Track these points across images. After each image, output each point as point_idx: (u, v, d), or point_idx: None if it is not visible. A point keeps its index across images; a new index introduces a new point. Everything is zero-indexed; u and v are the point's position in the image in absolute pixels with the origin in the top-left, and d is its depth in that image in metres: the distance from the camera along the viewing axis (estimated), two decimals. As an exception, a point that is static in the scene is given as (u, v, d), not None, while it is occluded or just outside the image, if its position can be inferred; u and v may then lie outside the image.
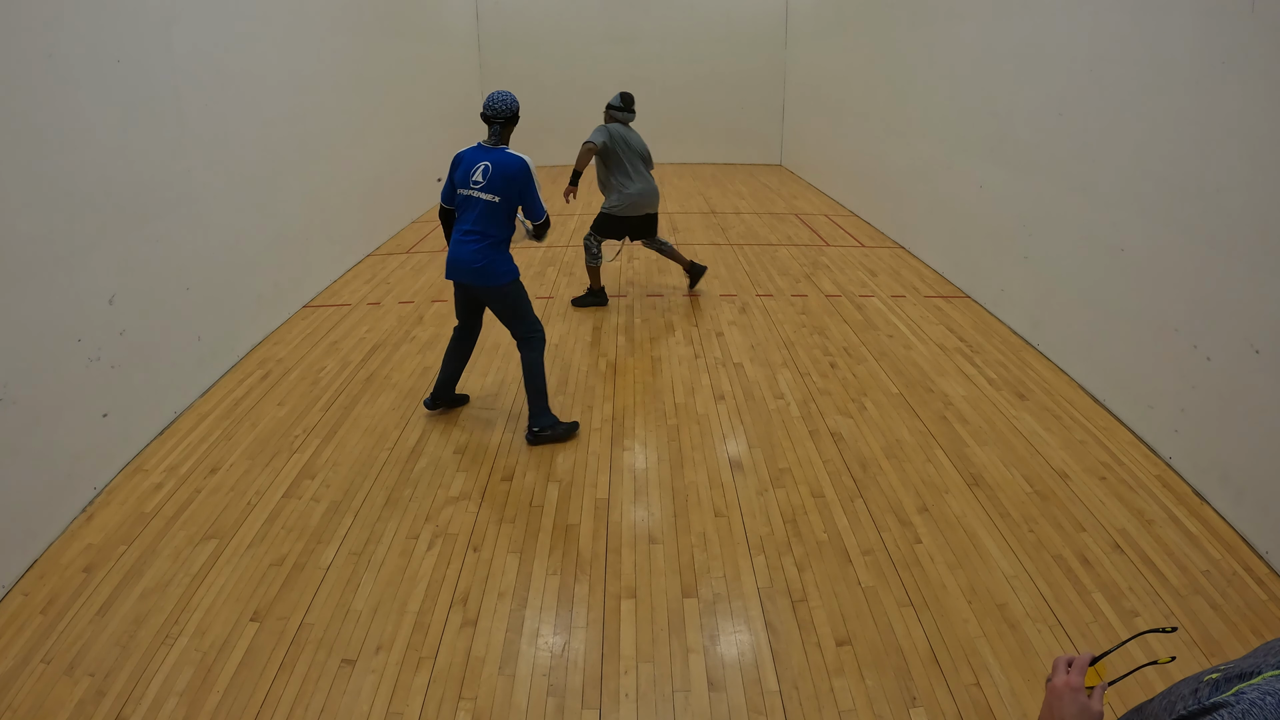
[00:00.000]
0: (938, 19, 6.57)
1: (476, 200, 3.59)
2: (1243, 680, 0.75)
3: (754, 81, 12.89)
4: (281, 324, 5.49)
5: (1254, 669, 0.77)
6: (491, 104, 3.64)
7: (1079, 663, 1.06)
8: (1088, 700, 1.02)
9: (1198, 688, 0.82)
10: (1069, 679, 1.04)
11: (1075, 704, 1.01)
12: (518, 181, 3.56)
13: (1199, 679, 0.84)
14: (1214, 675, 0.83)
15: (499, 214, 3.60)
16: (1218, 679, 0.81)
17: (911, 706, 2.33)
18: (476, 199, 3.59)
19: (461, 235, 3.64)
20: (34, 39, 3.11)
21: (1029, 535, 3.12)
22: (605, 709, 2.35)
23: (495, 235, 3.61)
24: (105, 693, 2.38)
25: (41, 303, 3.13)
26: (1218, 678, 0.81)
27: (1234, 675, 0.79)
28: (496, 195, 3.57)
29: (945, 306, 5.77)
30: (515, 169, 3.56)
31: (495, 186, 3.56)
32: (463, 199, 3.65)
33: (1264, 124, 3.04)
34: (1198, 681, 0.84)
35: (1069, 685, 1.03)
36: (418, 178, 8.88)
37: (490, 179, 3.56)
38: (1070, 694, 1.02)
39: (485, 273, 3.62)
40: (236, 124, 4.86)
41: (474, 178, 3.59)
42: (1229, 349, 3.24)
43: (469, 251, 3.60)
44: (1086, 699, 1.02)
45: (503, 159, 3.58)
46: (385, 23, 8.02)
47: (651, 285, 6.38)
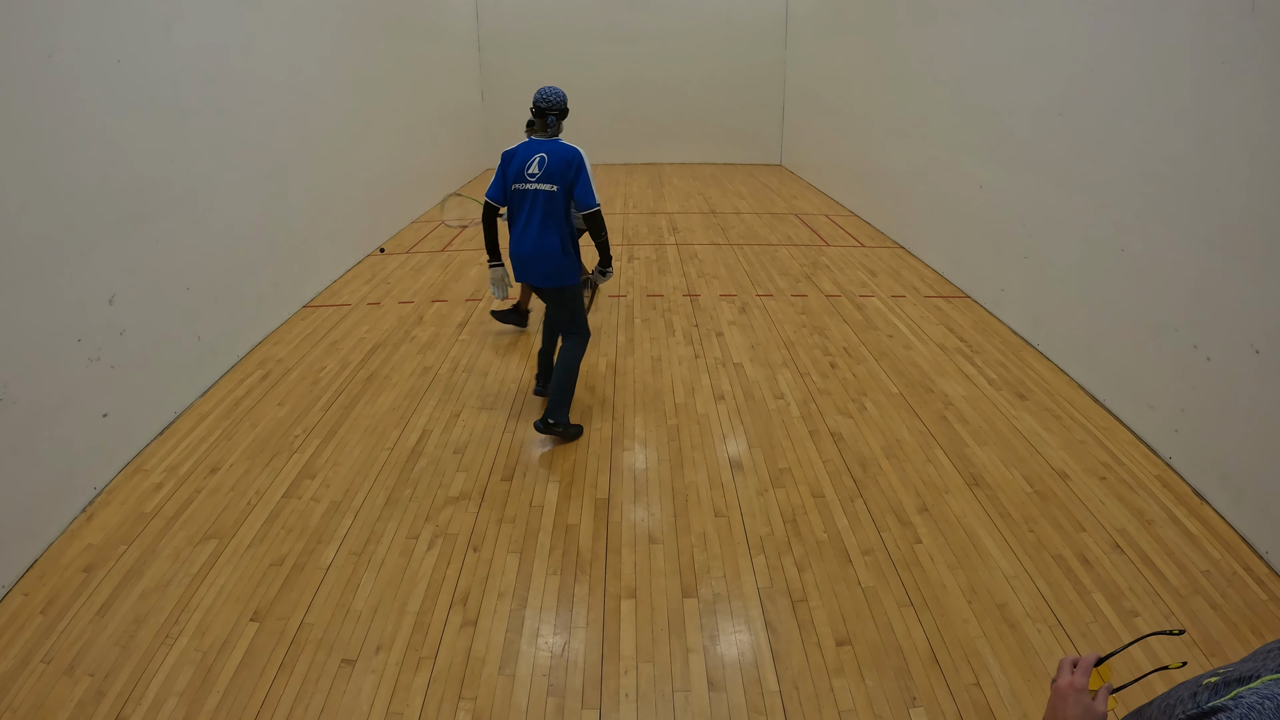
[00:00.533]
0: (938, 19, 6.57)
1: (534, 193, 3.57)
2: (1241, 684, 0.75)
3: (754, 81, 12.90)
4: (281, 324, 5.49)
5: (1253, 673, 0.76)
6: (546, 97, 3.68)
7: (1084, 664, 1.05)
8: (1091, 702, 1.01)
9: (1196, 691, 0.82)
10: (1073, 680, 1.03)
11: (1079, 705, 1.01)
12: (573, 167, 3.56)
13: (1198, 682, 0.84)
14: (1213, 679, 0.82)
15: (557, 204, 3.57)
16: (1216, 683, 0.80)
17: (911, 706, 2.33)
18: (534, 191, 3.57)
19: (521, 232, 3.63)
20: (34, 39, 3.11)
21: (1029, 535, 3.12)
22: (605, 709, 2.35)
23: (557, 229, 3.59)
24: (105, 693, 2.38)
25: (41, 303, 3.13)
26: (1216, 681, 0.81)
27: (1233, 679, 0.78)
28: (554, 184, 3.55)
29: (945, 306, 5.77)
30: (571, 155, 3.57)
31: (553, 175, 3.55)
32: (517, 194, 3.61)
33: (1264, 124, 3.04)
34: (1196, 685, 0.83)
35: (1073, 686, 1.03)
36: (418, 178, 8.88)
37: (547, 169, 3.56)
38: (1075, 695, 1.02)
39: (553, 275, 3.67)
40: (237, 124, 4.86)
41: (529, 170, 3.58)
42: (1229, 349, 3.24)
43: (532, 248, 3.62)
44: (1090, 700, 1.02)
45: (558, 148, 3.60)
46: (385, 23, 8.02)
47: (651, 285, 6.38)
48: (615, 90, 12.60)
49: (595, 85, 11.64)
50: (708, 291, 6.20)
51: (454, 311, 5.78)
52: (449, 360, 4.86)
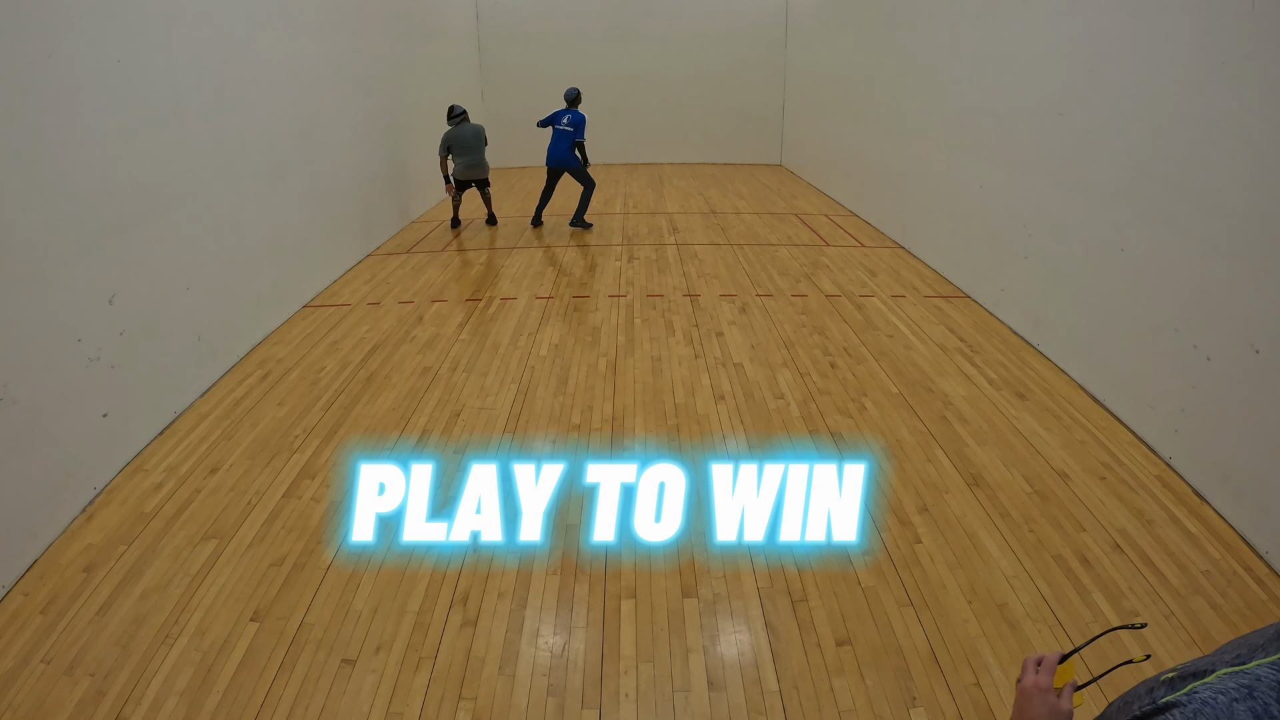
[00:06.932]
0: (938, 19, 6.57)
1: (563, 131, 8.06)
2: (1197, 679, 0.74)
3: (754, 81, 12.89)
4: (281, 324, 5.49)
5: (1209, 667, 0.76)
6: (573, 92, 8.23)
7: (1047, 662, 1.05)
8: (1057, 700, 1.01)
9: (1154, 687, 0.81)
10: (1038, 679, 1.03)
11: (1044, 704, 1.01)
12: (581, 123, 8.06)
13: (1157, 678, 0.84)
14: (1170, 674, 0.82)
15: (568, 138, 8.05)
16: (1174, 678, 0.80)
17: (911, 706, 2.33)
18: (563, 130, 8.06)
19: (554, 144, 8.13)
20: (34, 40, 3.11)
21: (1029, 535, 3.12)
22: (605, 709, 2.35)
23: (568, 145, 8.04)
24: (105, 693, 2.38)
25: (41, 303, 3.13)
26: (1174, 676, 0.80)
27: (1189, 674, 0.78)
28: (571, 128, 8.04)
29: (945, 306, 5.77)
30: (581, 117, 8.08)
31: (573, 124, 8.05)
32: (557, 131, 8.10)
33: (1263, 124, 3.04)
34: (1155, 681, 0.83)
35: (1038, 686, 1.02)
36: (418, 177, 8.89)
37: (570, 121, 8.05)
38: (1039, 695, 1.02)
39: (566, 162, 8.12)
40: (236, 124, 4.86)
41: (563, 121, 8.07)
42: (1229, 349, 3.24)
43: (561, 151, 8.08)
44: (1056, 699, 1.02)
45: (576, 115, 8.08)
46: (385, 22, 8.02)
47: (651, 285, 6.38)
48: (615, 90, 12.58)
49: (595, 85, 11.59)
50: (708, 291, 6.20)
51: (454, 311, 5.78)
52: (449, 360, 4.86)
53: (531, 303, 5.96)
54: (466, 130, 8.01)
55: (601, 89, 12.25)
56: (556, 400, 4.29)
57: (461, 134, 8.00)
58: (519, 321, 5.55)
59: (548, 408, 4.23)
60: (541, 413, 4.17)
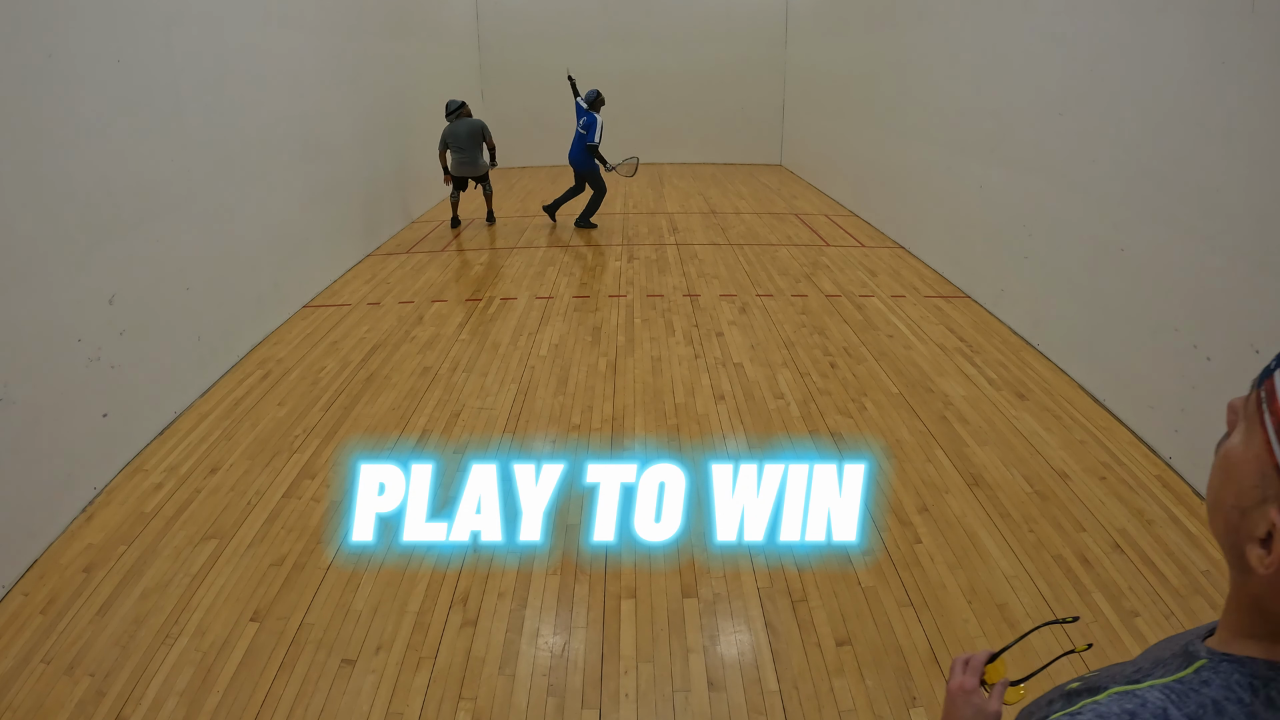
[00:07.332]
0: (938, 19, 6.57)
1: (578, 132, 8.13)
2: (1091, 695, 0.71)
3: (754, 81, 12.89)
4: (281, 324, 5.49)
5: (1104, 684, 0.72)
6: (592, 94, 8.26)
7: (974, 663, 1.02)
8: (983, 701, 0.98)
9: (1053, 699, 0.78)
10: (963, 681, 1.00)
11: (969, 706, 0.98)
12: (592, 126, 8.03)
13: (1062, 688, 0.80)
14: (1075, 684, 0.78)
15: (581, 140, 8.11)
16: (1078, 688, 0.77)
17: (911, 706, 2.33)
18: (578, 132, 8.13)
19: (572, 144, 8.28)
20: (34, 39, 3.11)
21: (1029, 535, 3.12)
22: (605, 709, 2.35)
23: (581, 146, 8.13)
24: (105, 693, 2.38)
25: (41, 303, 3.13)
26: (1078, 686, 0.77)
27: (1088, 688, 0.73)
28: (584, 130, 8.05)
29: (945, 306, 5.77)
30: (593, 118, 8.05)
31: (586, 126, 8.06)
32: (575, 132, 8.21)
33: (1263, 124, 3.04)
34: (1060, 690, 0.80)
35: (963, 688, 1.00)
36: (418, 177, 8.88)
37: (584, 124, 8.06)
38: (963, 696, 0.99)
39: (578, 163, 8.23)
40: (236, 123, 4.86)
41: (580, 123, 8.14)
42: (1229, 349, 3.24)
43: (574, 152, 8.22)
44: (982, 700, 0.99)
45: (590, 117, 8.07)
46: (385, 22, 8.02)
47: (651, 285, 6.38)
48: (615, 90, 12.54)
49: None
50: (708, 291, 6.20)
51: (454, 311, 5.78)
52: (449, 360, 4.86)
53: (531, 303, 5.97)
54: (461, 127, 8.08)
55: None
56: (556, 400, 4.29)
57: (456, 130, 8.08)
58: (519, 321, 5.55)
59: (548, 408, 4.23)
60: (541, 413, 4.17)
